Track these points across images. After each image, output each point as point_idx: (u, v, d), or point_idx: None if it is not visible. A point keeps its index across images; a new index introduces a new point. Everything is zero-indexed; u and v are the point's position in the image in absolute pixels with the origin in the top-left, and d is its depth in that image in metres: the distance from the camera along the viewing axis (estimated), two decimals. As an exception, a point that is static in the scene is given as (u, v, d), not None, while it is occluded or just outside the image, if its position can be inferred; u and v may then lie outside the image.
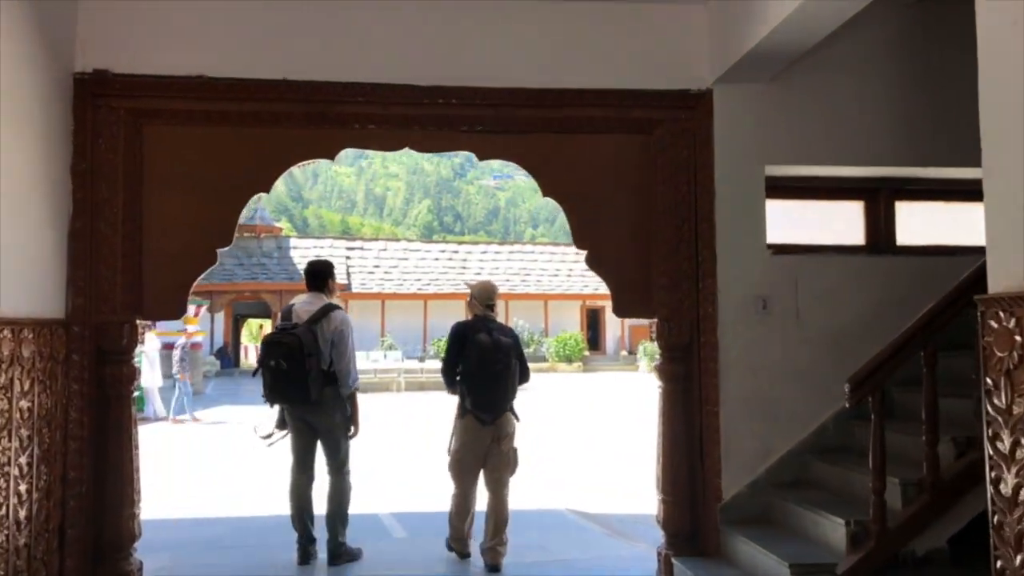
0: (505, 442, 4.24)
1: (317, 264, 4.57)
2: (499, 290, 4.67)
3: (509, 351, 4.17)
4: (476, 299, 4.45)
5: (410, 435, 10.72)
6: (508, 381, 4.14)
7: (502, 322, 4.66)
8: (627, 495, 6.36)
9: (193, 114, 3.70)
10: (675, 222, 3.85)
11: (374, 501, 6.02)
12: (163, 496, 6.27)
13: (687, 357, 3.84)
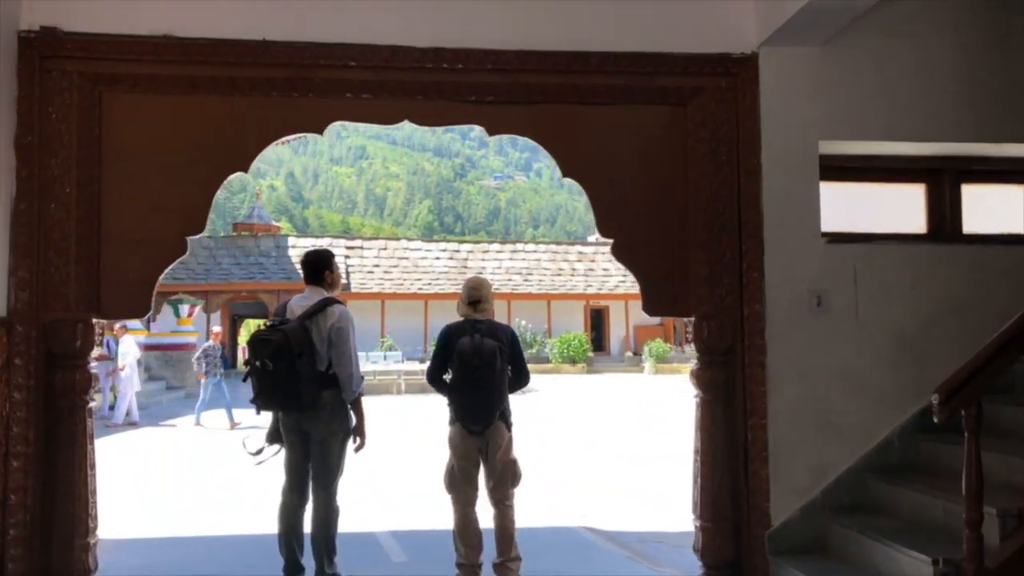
0: (500, 454, 3.79)
1: (313, 254, 4.03)
2: (488, 286, 4.11)
3: (493, 355, 3.70)
4: (461, 298, 4.05)
5: (410, 440, 10.20)
6: (492, 388, 3.69)
7: (499, 321, 4.16)
8: (629, 495, 5.88)
9: (159, 79, 3.20)
10: (715, 206, 3.34)
11: (370, 518, 5.52)
12: (136, 511, 5.77)
13: (729, 362, 3.33)
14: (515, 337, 3.95)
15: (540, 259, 28.43)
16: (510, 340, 3.88)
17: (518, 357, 3.85)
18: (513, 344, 3.87)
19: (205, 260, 25.02)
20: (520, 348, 3.92)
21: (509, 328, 4.11)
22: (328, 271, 4.00)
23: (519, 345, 3.90)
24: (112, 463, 7.83)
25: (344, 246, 27.09)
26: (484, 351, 3.71)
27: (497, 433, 3.77)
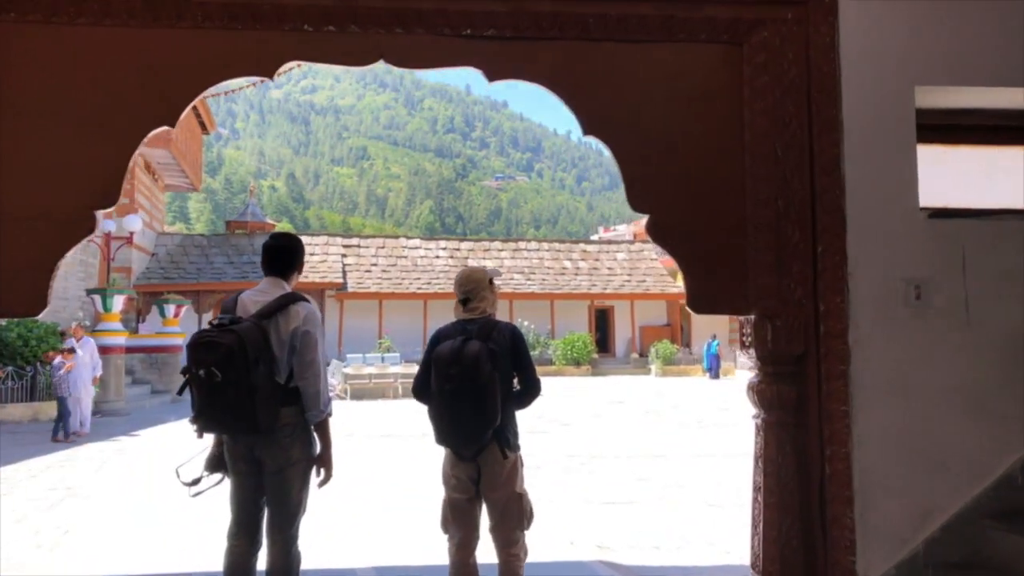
0: (499, 486, 3.07)
1: (278, 239, 3.23)
2: (481, 278, 3.35)
3: (476, 361, 3.01)
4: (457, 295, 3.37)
5: (402, 452, 9.44)
6: (477, 401, 2.99)
7: (500, 319, 3.42)
8: (657, 519, 5.11)
9: (62, 6, 2.45)
10: (780, 172, 2.58)
11: (349, 549, 4.75)
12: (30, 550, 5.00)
13: (800, 373, 2.58)
14: (518, 337, 3.19)
15: (543, 258, 27.67)
16: (510, 342, 3.14)
17: (522, 362, 3.14)
18: (515, 346, 3.14)
19: (197, 259, 24.30)
20: (525, 351, 3.18)
21: (510, 327, 3.29)
22: (298, 263, 3.25)
23: (524, 347, 3.17)
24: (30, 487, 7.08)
25: (341, 244, 26.35)
26: (464, 356, 3.00)
27: (493, 459, 3.04)
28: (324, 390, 3.07)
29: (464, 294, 3.22)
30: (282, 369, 2.98)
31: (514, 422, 3.17)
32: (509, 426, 3.09)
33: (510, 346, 3.17)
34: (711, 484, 6.92)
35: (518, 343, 3.19)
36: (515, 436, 3.16)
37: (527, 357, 3.13)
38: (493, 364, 3.02)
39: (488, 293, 3.26)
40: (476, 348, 3.03)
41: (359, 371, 17.13)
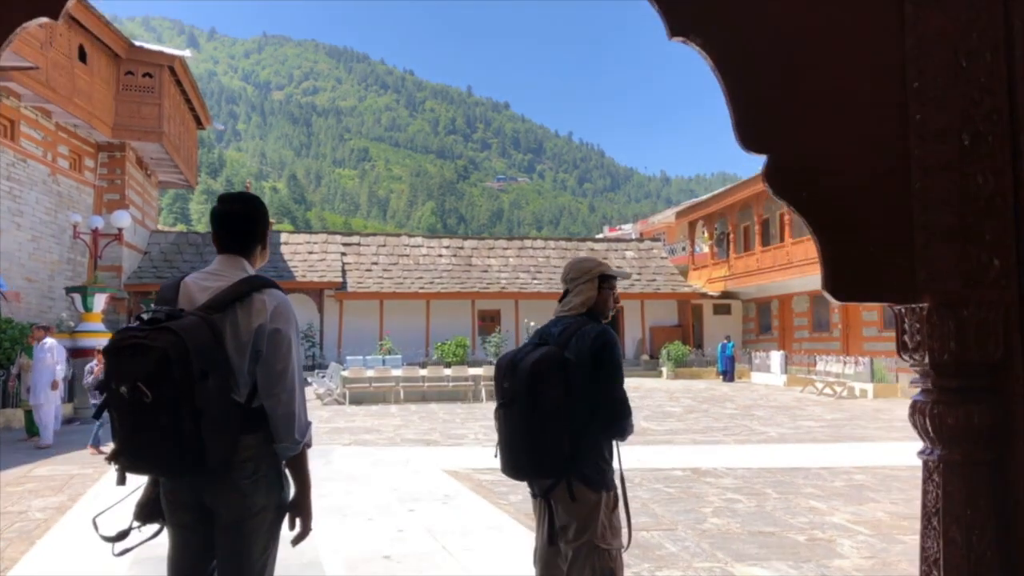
0: (571, 533, 2.44)
1: (232, 202, 2.35)
2: (582, 267, 2.69)
3: (533, 377, 2.41)
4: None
5: (402, 468, 8.59)
6: (524, 427, 2.41)
7: (593, 321, 2.67)
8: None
9: None
10: (967, 93, 1.73)
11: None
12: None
13: (999, 388, 1.72)
14: (601, 344, 2.51)
15: (549, 256, 26.82)
16: (590, 350, 2.47)
17: (601, 374, 2.48)
18: (595, 355, 2.48)
19: (192, 257, 23.49)
20: (609, 360, 2.51)
21: (598, 330, 2.55)
22: (260, 234, 2.41)
23: (608, 356, 2.51)
24: None
25: (340, 242, 25.52)
26: (519, 369, 2.42)
27: (563, 499, 2.44)
28: (301, 412, 2.22)
29: (564, 284, 2.71)
30: (241, 383, 2.14)
31: (600, 453, 2.49)
32: (589, 458, 2.44)
33: (589, 355, 2.46)
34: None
35: (600, 352, 2.48)
36: (599, 472, 2.48)
37: (609, 369, 2.49)
38: (564, 379, 2.42)
39: (588, 289, 2.65)
40: (536, 359, 2.42)
41: (358, 374, 16.28)
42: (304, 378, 2.29)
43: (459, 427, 11.97)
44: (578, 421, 2.40)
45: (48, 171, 18.33)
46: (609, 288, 2.68)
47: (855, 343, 20.48)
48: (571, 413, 2.38)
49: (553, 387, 2.37)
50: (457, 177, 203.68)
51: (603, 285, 2.66)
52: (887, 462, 8.83)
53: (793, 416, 13.68)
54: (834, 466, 8.56)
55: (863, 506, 6.57)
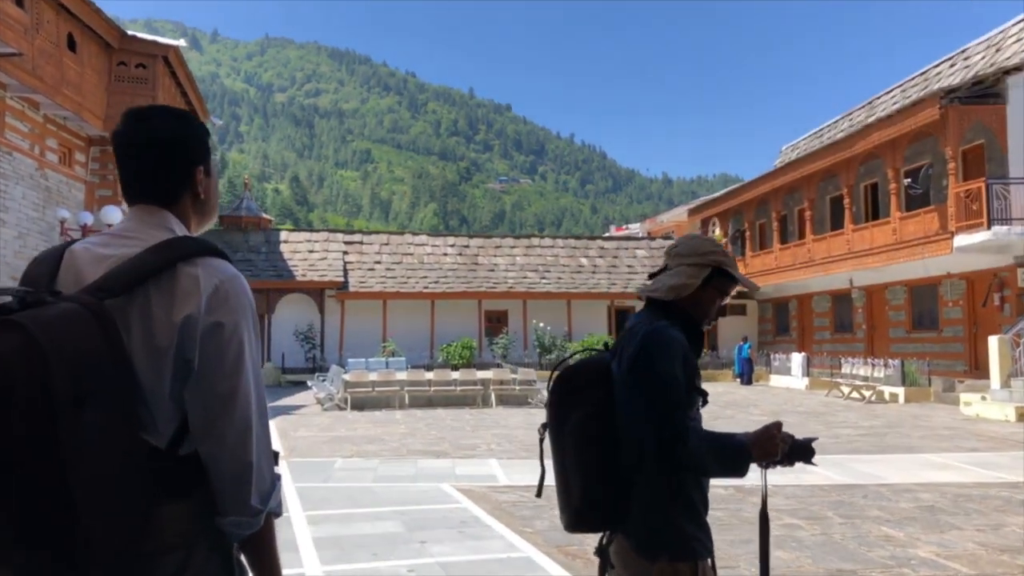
0: None
1: (142, 121, 1.42)
2: (700, 248, 1.93)
3: (555, 391, 1.89)
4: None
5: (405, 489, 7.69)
6: (559, 461, 1.86)
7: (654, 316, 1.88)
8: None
9: None
10: None
11: None
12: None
13: None
14: (642, 349, 1.78)
15: (557, 255, 25.93)
16: (630, 358, 1.78)
17: (635, 392, 1.77)
18: (633, 362, 1.78)
19: (188, 256, 22.66)
20: (645, 368, 1.77)
21: (646, 330, 1.78)
22: (194, 170, 1.49)
23: (644, 364, 1.78)
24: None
25: (342, 240, 24.66)
26: (576, 375, 1.86)
27: (621, 560, 1.82)
28: (262, 461, 1.30)
29: (665, 259, 1.99)
30: (159, 416, 1.24)
31: (662, 503, 1.73)
32: (651, 508, 1.74)
33: (629, 362, 1.78)
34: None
35: (639, 358, 1.76)
36: (657, 532, 1.74)
37: (641, 381, 1.75)
38: (599, 398, 1.81)
39: (692, 275, 1.87)
40: (567, 369, 1.87)
41: (360, 378, 15.38)
42: (265, 405, 1.39)
43: (470, 436, 11.06)
44: (625, 456, 1.75)
45: (35, 165, 17.47)
46: (719, 289, 1.90)
47: (881, 344, 19.54)
48: (607, 445, 1.76)
49: (580, 408, 1.78)
50: (459, 179, 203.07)
51: (714, 281, 1.87)
52: (951, 478, 7.91)
53: (827, 423, 12.75)
54: (893, 483, 7.64)
55: (946, 535, 5.66)
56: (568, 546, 5.24)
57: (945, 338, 17.35)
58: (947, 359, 17.04)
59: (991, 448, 9.93)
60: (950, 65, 19.14)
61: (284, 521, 5.84)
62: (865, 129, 17.50)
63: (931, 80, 19.56)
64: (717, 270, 1.85)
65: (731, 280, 1.88)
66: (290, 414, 14.14)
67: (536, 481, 2.04)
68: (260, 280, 21.78)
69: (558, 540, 5.36)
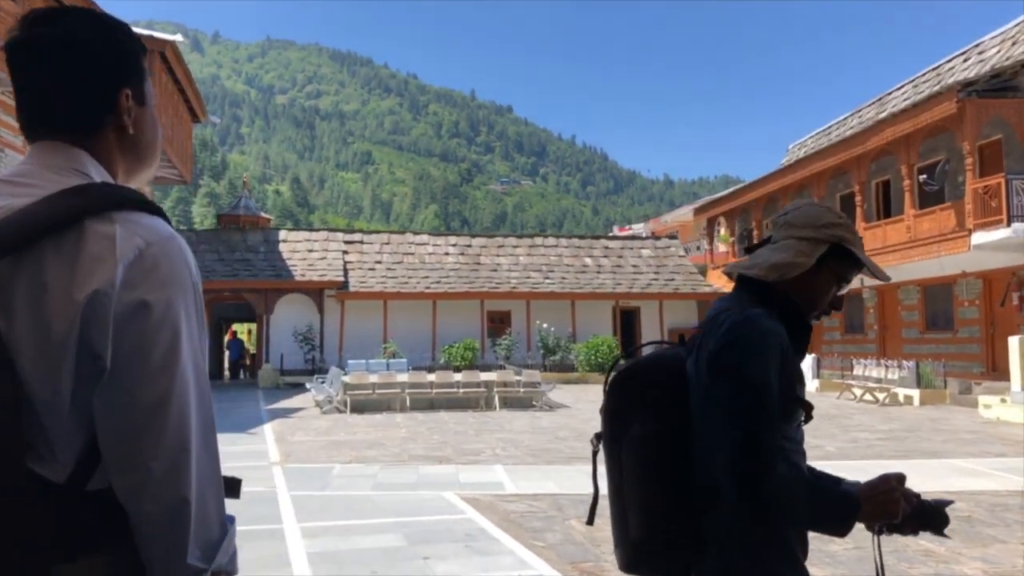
0: None
1: (44, 27, 1.01)
2: (815, 216, 1.46)
3: (611, 396, 1.48)
4: None
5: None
6: (610, 478, 1.47)
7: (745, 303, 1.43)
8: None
9: None
10: None
11: None
12: None
13: None
14: (726, 344, 1.35)
15: (561, 255, 25.51)
16: (713, 351, 1.36)
17: (713, 401, 1.35)
18: (713, 364, 1.35)
19: (185, 256, 22.24)
20: (727, 375, 1.33)
21: (733, 319, 1.36)
22: (117, 89, 1.00)
23: (727, 363, 1.34)
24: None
25: (342, 240, 24.26)
26: (613, 387, 1.46)
27: None
28: (208, 500, 0.87)
29: (771, 229, 1.55)
30: (57, 435, 0.80)
31: (761, 540, 1.33)
32: (732, 548, 1.34)
33: (707, 362, 1.37)
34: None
35: (722, 355, 1.35)
36: (757, 573, 1.34)
37: (722, 386, 1.34)
38: (665, 406, 1.40)
39: (803, 250, 1.44)
40: (625, 370, 1.46)
41: (361, 380, 14.97)
42: (212, 417, 0.97)
43: (473, 440, 10.65)
44: (700, 481, 1.36)
45: (28, 162, 17.09)
46: (837, 274, 1.47)
47: (893, 345, 19.10)
48: (676, 466, 1.37)
49: (644, 418, 1.39)
50: (460, 180, 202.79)
51: (831, 262, 1.45)
52: (983, 485, 7.48)
53: (843, 427, 12.33)
54: (922, 490, 7.17)
55: (988, 548, 5.25)
56: (583, 562, 4.83)
57: (961, 339, 16.91)
58: (963, 360, 16.60)
59: (1019, 453, 9.50)
60: (963, 60, 18.72)
61: (276, 534, 5.42)
62: (878, 125, 17.08)
63: (944, 75, 19.14)
64: (837, 248, 1.43)
65: (854, 263, 1.46)
66: (288, 417, 13.73)
67: (548, 489, 1.60)
68: (258, 280, 21.39)
69: (572, 555, 4.95)
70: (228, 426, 12.21)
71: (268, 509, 6.24)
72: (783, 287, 1.41)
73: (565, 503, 6.50)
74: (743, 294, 1.42)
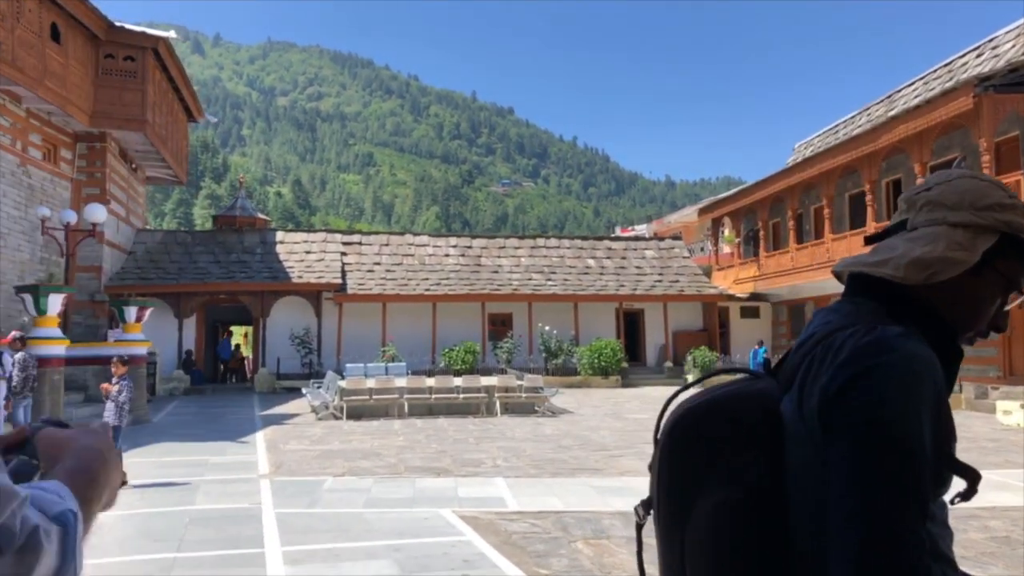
0: None
1: None
2: (972, 190, 0.96)
3: (667, 451, 0.95)
4: None
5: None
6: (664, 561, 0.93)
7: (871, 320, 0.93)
8: None
9: None
10: None
11: None
12: None
13: None
14: (850, 380, 0.83)
15: (564, 256, 25.03)
16: (834, 389, 0.84)
17: (836, 465, 0.82)
18: (839, 403, 0.83)
19: (180, 258, 21.79)
20: (857, 430, 0.81)
21: (857, 345, 0.85)
22: None
23: (855, 412, 0.81)
24: None
25: (340, 241, 23.80)
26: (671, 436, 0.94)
27: None
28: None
29: (902, 209, 1.03)
30: None
31: None
32: None
33: (818, 405, 0.88)
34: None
35: (850, 395, 0.85)
36: None
37: (861, 449, 0.82)
38: (751, 465, 0.92)
39: (960, 234, 0.96)
40: (703, 415, 0.96)
41: (357, 385, 14.50)
42: None
43: (473, 449, 10.18)
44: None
45: (17, 161, 16.65)
46: (1007, 277, 1.00)
47: (904, 349, 18.60)
48: (766, 555, 0.92)
49: (719, 485, 0.95)
50: (462, 182, 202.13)
51: (999, 259, 0.99)
52: (1015, 501, 7.00)
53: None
54: (953, 507, 6.72)
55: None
56: (594, 595, 4.37)
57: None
58: (978, 364, 16.12)
59: (1048, 464, 9.02)
60: (977, 55, 18.24)
61: (255, 560, 4.96)
62: (890, 122, 16.61)
63: (956, 71, 18.66)
64: (1009, 240, 0.97)
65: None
66: (282, 424, 13.26)
67: (552, 506, 1.13)
68: (255, 282, 20.93)
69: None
70: (219, 434, 11.75)
71: (250, 529, 5.78)
72: (926, 294, 0.95)
73: (570, 522, 6.03)
74: (864, 303, 0.96)
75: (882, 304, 0.95)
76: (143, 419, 13.35)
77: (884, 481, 0.81)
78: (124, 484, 7.38)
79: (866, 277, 0.99)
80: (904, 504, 0.80)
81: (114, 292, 19.08)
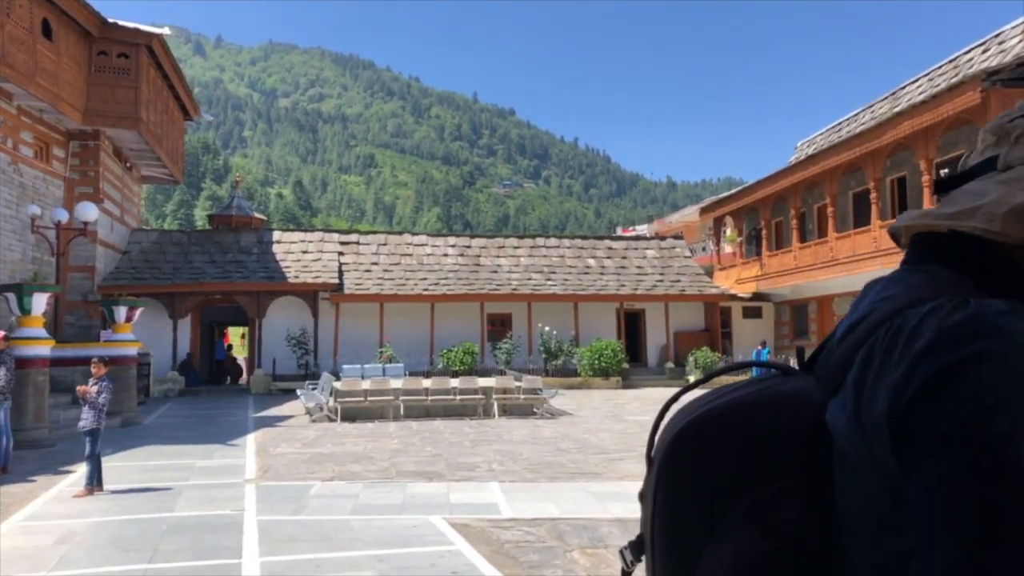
0: None
1: None
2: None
3: (662, 473, 0.67)
4: None
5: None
6: None
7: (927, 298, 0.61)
8: None
9: None
10: None
11: None
12: None
13: None
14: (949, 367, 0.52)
15: (564, 255, 24.74)
16: (910, 391, 0.54)
17: (923, 501, 0.53)
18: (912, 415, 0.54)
19: (175, 257, 21.52)
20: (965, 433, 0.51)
21: (951, 319, 0.53)
22: None
23: (968, 411, 0.52)
24: None
25: (338, 240, 23.54)
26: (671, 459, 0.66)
27: None
28: None
29: (990, 142, 0.69)
30: None
31: None
32: None
33: (886, 414, 0.56)
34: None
35: (922, 402, 0.54)
36: None
37: (942, 493, 0.53)
38: (798, 496, 0.62)
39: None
40: (714, 433, 0.66)
41: (352, 387, 14.22)
42: None
43: (468, 453, 9.89)
44: None
45: (8, 159, 16.39)
46: None
47: (910, 349, 18.27)
48: None
49: (743, 524, 0.62)
50: (463, 183, 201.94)
51: None
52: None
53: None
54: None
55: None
56: (589, 611, 4.08)
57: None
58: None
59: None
60: (983, 51, 17.94)
61: (231, 570, 4.67)
62: (896, 118, 16.31)
63: (962, 67, 18.36)
64: None
65: None
66: (274, 426, 12.98)
67: (547, 512, 0.87)
68: (250, 282, 20.66)
69: (575, 601, 4.19)
70: (209, 436, 11.47)
71: (229, 538, 5.49)
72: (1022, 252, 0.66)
73: (566, 530, 5.75)
74: (938, 272, 0.67)
75: (966, 272, 0.66)
76: (133, 421, 13.07)
77: (997, 528, 0.52)
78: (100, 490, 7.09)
79: (938, 236, 0.70)
80: (995, 552, 0.51)
81: (108, 292, 18.81)
